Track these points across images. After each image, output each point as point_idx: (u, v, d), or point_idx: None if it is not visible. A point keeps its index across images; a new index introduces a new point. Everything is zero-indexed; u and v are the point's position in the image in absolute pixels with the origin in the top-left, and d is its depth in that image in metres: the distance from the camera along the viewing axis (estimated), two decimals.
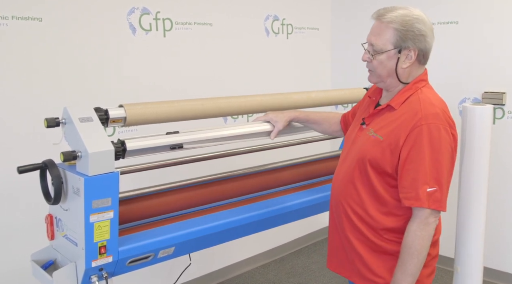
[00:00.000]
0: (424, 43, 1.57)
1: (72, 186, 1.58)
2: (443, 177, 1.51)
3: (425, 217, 1.51)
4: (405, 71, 1.61)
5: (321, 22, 4.26)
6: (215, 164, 2.26)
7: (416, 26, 1.56)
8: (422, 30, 1.56)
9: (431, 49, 1.61)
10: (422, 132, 1.50)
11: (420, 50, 1.58)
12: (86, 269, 1.58)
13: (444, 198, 1.52)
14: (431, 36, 1.59)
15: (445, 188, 1.52)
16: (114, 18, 2.86)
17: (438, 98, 1.61)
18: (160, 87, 3.10)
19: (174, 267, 3.18)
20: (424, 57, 1.61)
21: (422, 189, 1.49)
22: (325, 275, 3.73)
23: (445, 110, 1.57)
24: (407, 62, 1.59)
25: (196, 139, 1.84)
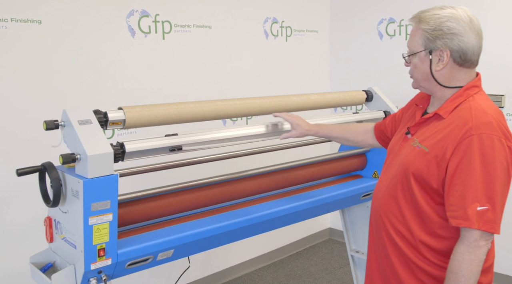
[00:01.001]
0: (457, 42, 1.43)
1: (71, 188, 1.58)
2: (497, 195, 1.35)
3: (474, 239, 1.36)
4: (442, 74, 1.49)
5: (320, 24, 4.27)
6: (214, 166, 2.26)
7: (446, 24, 1.44)
8: (453, 28, 1.43)
9: (475, 49, 1.46)
10: (472, 143, 1.37)
11: (453, 50, 1.45)
12: (85, 272, 1.57)
13: (497, 218, 1.36)
14: (468, 34, 1.43)
15: (498, 207, 1.36)
16: (113, 20, 2.86)
17: (493, 106, 1.46)
18: (159, 90, 3.10)
19: (173, 269, 3.18)
20: (463, 58, 1.45)
21: (472, 207, 1.35)
22: (324, 278, 3.73)
23: (500, 120, 1.42)
24: (440, 64, 1.48)
25: (195, 141, 1.84)
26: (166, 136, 1.80)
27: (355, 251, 2.82)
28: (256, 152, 2.21)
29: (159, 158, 1.82)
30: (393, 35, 3.87)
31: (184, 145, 1.81)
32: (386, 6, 3.90)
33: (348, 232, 2.84)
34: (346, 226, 2.84)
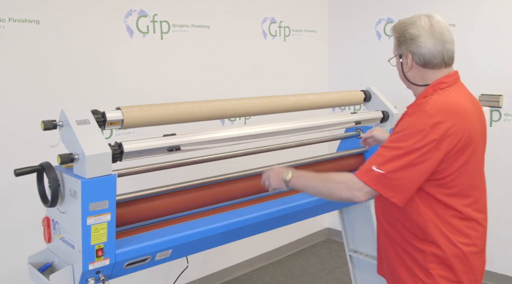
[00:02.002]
0: (415, 47, 1.58)
1: (69, 188, 1.58)
2: (398, 170, 1.46)
3: (358, 187, 1.51)
4: (411, 75, 1.64)
5: (318, 24, 4.27)
6: (212, 166, 2.26)
7: (408, 31, 1.59)
8: (412, 34, 1.58)
9: (434, 52, 1.57)
10: (404, 122, 1.53)
11: (413, 54, 1.59)
12: (83, 272, 1.57)
13: (388, 186, 1.47)
14: (425, 38, 1.56)
15: (395, 180, 1.47)
16: (111, 20, 2.86)
17: (454, 101, 1.53)
18: (157, 90, 3.10)
19: (172, 269, 3.17)
20: (423, 61, 1.58)
21: (370, 165, 1.50)
22: (322, 278, 3.73)
23: (444, 117, 1.47)
24: (406, 66, 1.63)
25: (193, 141, 1.84)
26: (164, 136, 1.80)
27: (353, 251, 2.82)
28: (254, 152, 2.21)
29: (158, 158, 1.82)
30: (391, 35, 3.87)
31: (182, 145, 1.81)
32: (384, 6, 3.90)
33: (346, 232, 2.85)
34: (344, 226, 2.84)
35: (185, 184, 1.96)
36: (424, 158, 1.46)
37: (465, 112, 1.53)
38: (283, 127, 2.11)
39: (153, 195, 1.89)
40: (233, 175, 2.10)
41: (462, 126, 1.49)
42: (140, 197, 1.85)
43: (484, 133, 1.65)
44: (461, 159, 1.51)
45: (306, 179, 1.69)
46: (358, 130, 2.59)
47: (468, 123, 1.52)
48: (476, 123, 1.56)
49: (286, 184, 1.73)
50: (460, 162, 1.51)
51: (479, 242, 1.60)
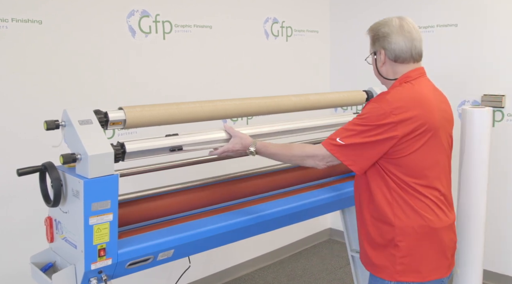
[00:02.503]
0: (387, 43, 1.75)
1: (72, 188, 1.58)
2: (356, 145, 1.65)
3: (322, 155, 1.71)
4: (384, 70, 1.81)
5: (320, 24, 4.27)
6: (214, 166, 2.26)
7: (380, 30, 1.77)
8: (385, 32, 1.75)
9: (403, 48, 1.74)
10: (365, 106, 1.74)
11: (385, 50, 1.76)
12: (86, 272, 1.57)
13: (344, 155, 1.67)
14: (396, 36, 1.73)
15: (353, 152, 1.67)
16: (114, 20, 2.86)
17: (411, 94, 1.69)
18: (159, 90, 3.10)
19: (174, 269, 3.17)
20: (395, 55, 1.75)
21: (334, 137, 1.70)
22: (324, 278, 3.73)
23: (405, 103, 1.64)
24: (380, 62, 1.80)
25: (195, 141, 1.84)
26: (166, 136, 1.80)
27: (356, 252, 2.82)
28: None
29: (159, 158, 1.82)
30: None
31: (185, 145, 1.81)
32: (385, 6, 3.90)
33: (348, 233, 2.84)
34: (346, 227, 2.84)
35: (187, 184, 1.96)
36: (381, 138, 1.63)
37: (425, 102, 1.68)
38: (285, 127, 2.11)
39: (155, 195, 1.89)
40: (235, 175, 2.10)
41: (420, 114, 1.65)
42: (142, 197, 1.85)
43: (447, 122, 1.79)
44: (418, 143, 1.66)
45: (273, 148, 1.83)
46: None
47: (427, 112, 1.67)
48: (436, 112, 1.70)
49: (251, 154, 1.87)
50: (416, 146, 1.66)
51: (432, 218, 1.72)
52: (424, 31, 3.66)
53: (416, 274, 1.73)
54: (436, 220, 1.72)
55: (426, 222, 1.71)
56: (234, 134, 1.90)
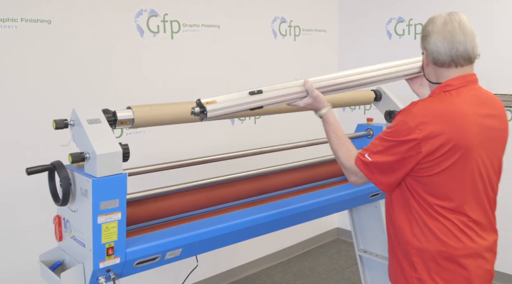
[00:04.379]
0: (427, 43, 1.60)
1: (80, 187, 1.59)
2: (381, 162, 1.56)
3: (353, 170, 1.63)
4: (427, 72, 1.67)
5: (329, 24, 4.26)
6: (223, 166, 2.26)
7: (426, 27, 1.62)
8: (427, 31, 1.60)
9: (441, 51, 1.57)
10: (396, 118, 1.59)
11: (426, 50, 1.61)
12: (94, 270, 1.58)
13: (371, 171, 1.59)
14: (435, 36, 1.57)
15: (379, 170, 1.58)
16: (122, 20, 2.87)
17: (444, 107, 1.54)
18: (168, 89, 3.11)
19: (182, 268, 3.18)
20: (434, 58, 1.59)
21: (363, 153, 1.61)
22: (332, 278, 3.72)
23: (428, 119, 1.51)
24: (424, 62, 1.67)
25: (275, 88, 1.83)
26: (250, 93, 1.75)
27: (363, 251, 2.81)
28: (264, 152, 2.21)
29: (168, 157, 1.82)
30: (402, 34, 3.86)
31: (265, 91, 1.80)
32: (395, 6, 3.88)
33: (356, 232, 2.84)
34: (354, 226, 2.83)
35: (195, 183, 1.96)
36: (405, 156, 1.53)
37: (456, 117, 1.52)
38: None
39: (163, 194, 1.90)
40: (243, 175, 2.10)
41: (447, 130, 1.50)
42: (150, 196, 1.86)
43: (493, 141, 1.61)
44: (444, 164, 1.52)
45: (333, 130, 1.73)
46: (368, 130, 2.58)
47: (457, 129, 1.51)
48: (472, 130, 1.53)
49: (317, 116, 1.79)
50: (443, 166, 1.52)
51: (454, 244, 1.56)
52: None
53: None
54: (459, 246, 1.56)
55: (446, 248, 1.55)
56: (311, 94, 1.77)
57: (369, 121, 2.64)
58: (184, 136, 3.18)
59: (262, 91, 1.76)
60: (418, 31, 3.73)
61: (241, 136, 3.59)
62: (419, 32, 3.72)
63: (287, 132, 3.83)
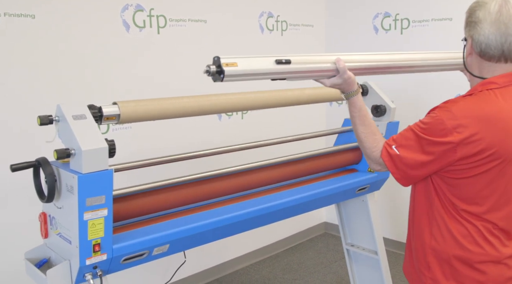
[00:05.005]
0: (475, 32, 1.42)
1: (66, 184, 1.57)
2: (408, 159, 1.45)
3: (378, 162, 1.53)
4: (469, 62, 1.51)
5: (316, 19, 4.26)
6: (209, 161, 2.26)
7: (475, 13, 1.43)
8: (477, 17, 1.42)
9: (492, 43, 1.41)
10: (435, 112, 1.45)
11: (473, 39, 1.44)
12: (80, 267, 1.57)
13: (395, 165, 1.48)
14: (487, 25, 1.39)
15: (403, 165, 1.46)
16: (108, 15, 2.85)
17: (487, 109, 1.39)
18: (154, 84, 3.09)
19: (170, 264, 3.18)
20: (481, 50, 1.43)
21: (390, 143, 1.50)
22: (319, 271, 3.74)
23: (468, 122, 1.37)
24: (466, 51, 1.50)
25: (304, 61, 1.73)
26: (276, 62, 1.67)
27: (351, 245, 2.83)
28: (251, 147, 2.21)
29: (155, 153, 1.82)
30: (389, 29, 3.87)
31: (293, 63, 1.69)
32: (381, 1, 3.89)
33: (343, 226, 2.85)
34: (341, 220, 2.85)
35: (182, 179, 1.96)
36: (436, 157, 1.41)
37: (500, 121, 1.38)
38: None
39: (150, 190, 1.89)
40: (230, 170, 2.10)
41: (488, 136, 1.37)
42: (137, 192, 1.85)
43: None
44: (478, 169, 1.41)
45: (358, 117, 1.59)
46: None
47: (501, 136, 1.38)
48: None
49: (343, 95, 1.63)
50: (476, 171, 1.41)
51: (474, 250, 1.48)
52: (418, 25, 3.66)
53: None
54: (479, 252, 1.47)
55: (465, 252, 1.48)
56: (341, 75, 1.59)
57: None
58: (171, 131, 3.17)
59: (290, 61, 1.60)
60: (405, 26, 3.75)
61: (228, 131, 3.58)
62: (405, 27, 3.74)
63: (275, 127, 3.84)
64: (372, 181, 2.51)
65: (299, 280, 3.62)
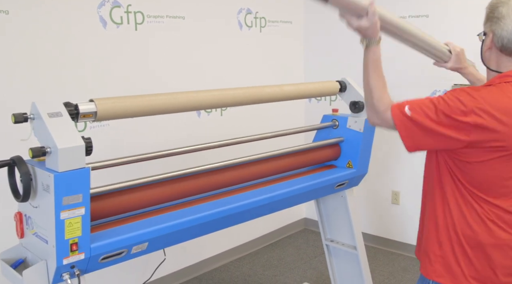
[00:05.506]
0: (498, 27, 1.49)
1: (42, 182, 1.55)
2: (419, 125, 1.46)
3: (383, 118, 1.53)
4: (487, 56, 1.57)
5: (294, 15, 4.27)
6: (189, 158, 2.25)
7: (498, 9, 1.50)
8: (500, 13, 1.48)
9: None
10: (455, 90, 1.48)
11: (494, 34, 1.51)
12: (58, 267, 1.55)
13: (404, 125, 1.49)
14: (510, 21, 1.46)
15: (413, 126, 1.47)
16: (84, 11, 2.81)
17: (505, 100, 1.44)
18: (132, 81, 3.06)
19: (150, 262, 3.16)
20: (503, 45, 1.49)
21: (404, 103, 1.50)
22: (299, 267, 3.76)
23: (488, 108, 1.41)
24: (485, 45, 1.56)
25: None
26: None
27: (330, 240, 2.85)
28: (230, 144, 2.21)
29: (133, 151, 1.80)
30: None
31: None
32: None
33: (323, 222, 2.87)
34: (321, 216, 2.87)
35: (161, 176, 1.94)
36: (449, 134, 1.44)
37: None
38: None
39: (128, 188, 1.87)
40: (208, 167, 2.09)
41: (503, 127, 1.42)
42: (115, 190, 1.83)
43: None
44: (487, 156, 1.46)
45: (374, 67, 1.58)
46: (334, 120, 2.60)
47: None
48: None
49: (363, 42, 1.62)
50: (484, 157, 1.47)
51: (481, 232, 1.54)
52: None
53: (451, 277, 1.59)
54: (487, 235, 1.53)
55: (474, 233, 1.54)
56: (370, 17, 1.56)
57: (335, 112, 2.66)
58: (149, 129, 3.15)
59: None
60: None
61: (207, 128, 3.57)
62: None
63: (254, 123, 3.84)
64: (350, 177, 2.53)
65: (279, 276, 3.64)
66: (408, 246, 3.96)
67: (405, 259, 3.87)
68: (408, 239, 3.97)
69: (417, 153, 1.60)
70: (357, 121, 2.49)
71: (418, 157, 3.76)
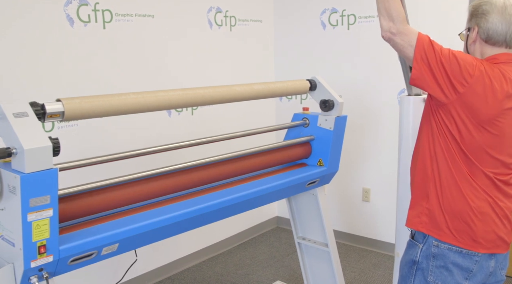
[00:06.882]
0: (484, 21, 1.69)
1: (8, 184, 1.51)
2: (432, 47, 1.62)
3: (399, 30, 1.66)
4: (472, 48, 1.77)
5: (264, 14, 4.28)
6: (160, 158, 2.23)
7: (481, 7, 1.71)
8: (485, 10, 1.69)
9: (498, 30, 1.68)
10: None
11: (479, 27, 1.71)
12: (25, 270, 1.52)
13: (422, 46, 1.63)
14: (495, 15, 1.67)
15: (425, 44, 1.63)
16: (50, 9, 2.76)
17: (499, 72, 1.64)
18: (100, 81, 3.02)
19: (121, 263, 3.12)
20: (488, 36, 1.70)
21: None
22: (272, 266, 3.78)
23: (488, 69, 1.62)
24: (471, 39, 1.76)
25: None
26: None
27: (302, 238, 2.87)
28: (201, 143, 2.20)
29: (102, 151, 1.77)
30: (336, 25, 3.94)
31: None
32: None
33: (294, 220, 2.89)
34: (292, 214, 2.88)
35: (131, 176, 1.92)
36: (455, 74, 1.60)
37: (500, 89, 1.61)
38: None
39: (98, 188, 1.85)
40: (179, 167, 2.08)
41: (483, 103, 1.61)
42: (84, 191, 1.80)
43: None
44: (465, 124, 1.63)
45: None
46: (304, 119, 2.62)
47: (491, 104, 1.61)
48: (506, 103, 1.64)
49: None
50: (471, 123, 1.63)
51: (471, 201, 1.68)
52: (365, 21, 3.74)
53: (436, 228, 1.72)
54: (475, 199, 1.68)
55: (462, 194, 1.68)
56: None
57: (305, 110, 2.68)
58: (118, 128, 3.11)
59: None
60: (351, 21, 3.82)
61: (178, 128, 3.55)
62: (352, 23, 3.81)
63: (225, 122, 3.84)
64: (321, 175, 2.55)
65: (252, 275, 3.64)
66: (379, 242, 4.02)
67: (376, 256, 3.93)
68: (379, 236, 4.03)
69: (385, 150, 1.63)
70: (327, 119, 2.51)
71: (388, 155, 3.83)
